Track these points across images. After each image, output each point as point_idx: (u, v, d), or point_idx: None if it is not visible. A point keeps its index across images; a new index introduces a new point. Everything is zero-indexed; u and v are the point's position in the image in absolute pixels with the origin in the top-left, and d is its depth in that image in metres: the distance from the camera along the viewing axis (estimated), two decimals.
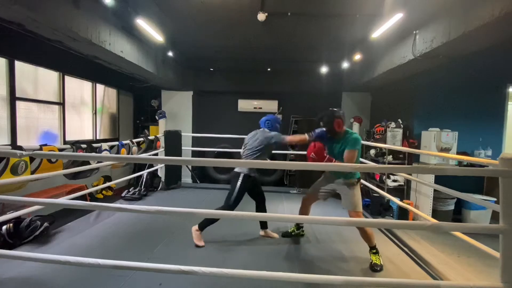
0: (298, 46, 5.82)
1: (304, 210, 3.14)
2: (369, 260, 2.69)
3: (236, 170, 3.10)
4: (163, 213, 1.82)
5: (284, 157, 7.28)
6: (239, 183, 3.03)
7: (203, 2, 3.86)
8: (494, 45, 3.52)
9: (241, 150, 3.25)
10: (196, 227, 3.03)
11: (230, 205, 2.99)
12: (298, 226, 3.37)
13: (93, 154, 3.36)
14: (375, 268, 2.65)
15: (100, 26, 3.80)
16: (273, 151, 3.36)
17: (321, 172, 3.09)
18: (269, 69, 7.57)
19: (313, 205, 3.23)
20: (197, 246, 2.95)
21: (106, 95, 6.93)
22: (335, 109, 2.77)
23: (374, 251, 2.75)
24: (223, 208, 2.96)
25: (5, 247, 2.70)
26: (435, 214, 4.11)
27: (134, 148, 4.57)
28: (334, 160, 2.82)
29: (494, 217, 4.11)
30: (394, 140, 4.96)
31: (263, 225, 3.37)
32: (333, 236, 3.40)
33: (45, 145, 2.94)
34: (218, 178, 7.78)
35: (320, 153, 2.91)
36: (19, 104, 4.41)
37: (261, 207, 3.28)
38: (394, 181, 4.90)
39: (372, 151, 5.52)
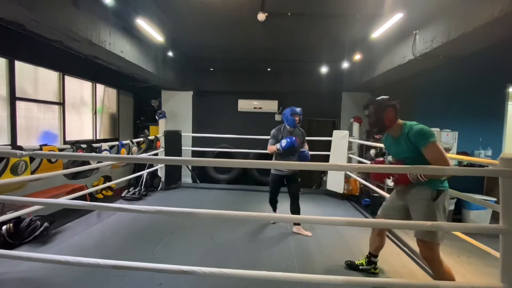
0: (298, 46, 5.82)
1: (375, 239, 2.44)
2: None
3: None
4: (163, 213, 1.82)
5: None
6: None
7: (203, 2, 3.86)
8: (494, 45, 3.52)
9: None
10: (295, 227, 3.46)
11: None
12: (370, 260, 2.51)
13: (93, 154, 3.36)
14: None
15: (100, 26, 3.80)
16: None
17: (321, 172, 3.03)
18: (269, 69, 7.57)
19: (314, 205, 3.20)
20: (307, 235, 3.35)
21: (106, 95, 6.93)
22: (385, 97, 2.16)
23: None
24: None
25: (5, 247, 2.70)
26: None
27: (134, 148, 4.57)
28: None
29: (494, 217, 4.10)
30: None
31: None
32: (334, 236, 3.40)
33: (45, 145, 2.93)
34: (218, 178, 7.78)
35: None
36: (19, 104, 4.41)
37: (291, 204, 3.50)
38: None
39: (372, 151, 5.52)
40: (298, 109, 3.39)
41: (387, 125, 2.11)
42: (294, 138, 3.23)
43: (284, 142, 3.20)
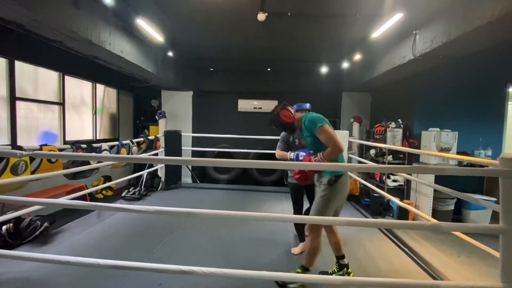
0: (298, 46, 5.82)
1: (329, 236, 2.48)
2: (368, 259, 2.67)
3: None
4: (163, 213, 1.82)
5: None
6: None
7: (203, 2, 3.86)
8: (494, 45, 3.52)
9: None
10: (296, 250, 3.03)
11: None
12: (340, 264, 2.46)
13: (93, 154, 3.36)
14: None
15: (100, 26, 3.80)
16: (271, 151, 3.31)
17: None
18: (269, 69, 7.57)
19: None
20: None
21: (106, 95, 6.93)
22: (277, 105, 2.50)
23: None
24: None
25: (5, 247, 2.70)
26: (435, 214, 4.10)
27: (134, 148, 4.57)
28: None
29: (494, 217, 4.10)
30: (394, 140, 4.96)
31: (301, 237, 2.98)
32: None
33: (45, 145, 2.94)
34: (218, 178, 7.78)
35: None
36: (19, 104, 4.41)
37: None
38: (394, 181, 4.90)
39: (372, 151, 5.52)
40: (307, 105, 2.66)
41: (289, 121, 2.39)
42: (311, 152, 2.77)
43: (301, 157, 2.62)
